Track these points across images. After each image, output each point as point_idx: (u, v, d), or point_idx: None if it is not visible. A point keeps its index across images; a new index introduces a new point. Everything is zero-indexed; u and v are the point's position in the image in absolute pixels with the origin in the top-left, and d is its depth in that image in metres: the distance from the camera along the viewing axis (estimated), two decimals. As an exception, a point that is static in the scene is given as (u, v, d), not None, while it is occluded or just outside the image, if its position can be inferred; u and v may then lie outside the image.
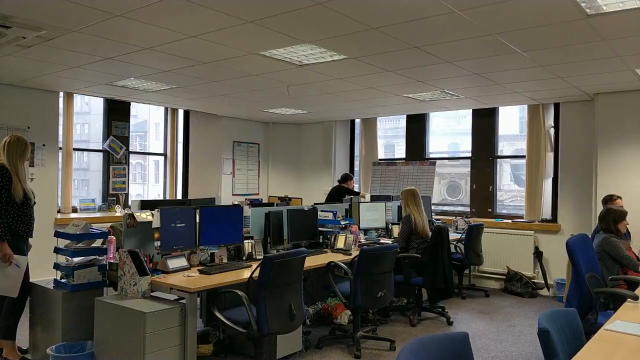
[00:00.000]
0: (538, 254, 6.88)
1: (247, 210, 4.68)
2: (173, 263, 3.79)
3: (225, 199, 8.43)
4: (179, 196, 8.51)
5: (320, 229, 5.32)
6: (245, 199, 7.74)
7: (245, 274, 3.74)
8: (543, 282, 6.80)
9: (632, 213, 4.91)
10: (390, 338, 4.59)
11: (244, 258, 4.32)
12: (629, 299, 3.12)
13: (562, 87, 5.79)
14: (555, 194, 7.00)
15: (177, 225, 3.91)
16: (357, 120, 9.15)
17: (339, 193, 7.31)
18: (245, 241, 4.38)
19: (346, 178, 7.62)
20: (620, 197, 4.88)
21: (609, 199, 4.74)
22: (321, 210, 5.49)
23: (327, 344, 4.52)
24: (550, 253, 6.80)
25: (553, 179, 7.05)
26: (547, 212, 7.09)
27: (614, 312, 2.93)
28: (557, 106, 6.96)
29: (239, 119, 8.94)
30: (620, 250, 4.05)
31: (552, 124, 7.06)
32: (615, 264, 4.06)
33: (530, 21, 3.60)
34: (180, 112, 8.54)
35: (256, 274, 3.42)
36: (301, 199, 7.79)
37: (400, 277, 5.13)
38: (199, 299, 4.12)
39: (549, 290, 6.77)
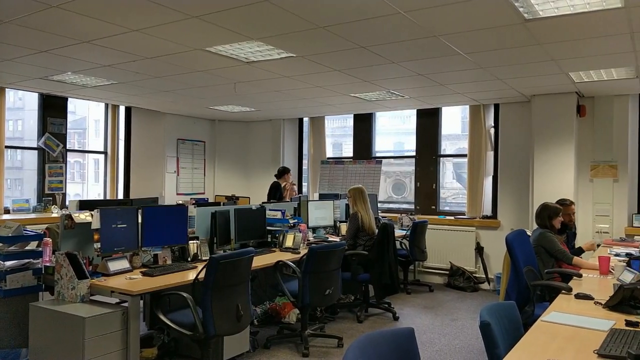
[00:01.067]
0: (479, 249, 7.13)
1: (192, 210, 4.57)
2: (114, 265, 3.65)
3: (169, 198, 8.21)
4: (120, 196, 8.25)
5: (268, 228, 5.28)
6: (191, 199, 7.58)
7: (191, 275, 3.66)
8: (484, 276, 7.06)
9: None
10: (338, 335, 4.62)
11: (189, 259, 4.22)
12: (563, 291, 3.28)
13: (502, 88, 6.03)
14: (495, 192, 7.28)
15: (118, 226, 3.77)
16: (306, 119, 9.16)
17: (271, 192, 7.29)
18: (190, 242, 4.28)
19: (283, 172, 7.52)
20: (573, 203, 5.05)
21: (562, 203, 4.90)
22: (269, 210, 5.45)
23: (275, 344, 4.50)
24: (490, 248, 7.07)
25: (493, 177, 7.33)
26: (487, 209, 7.36)
27: (550, 303, 3.07)
28: (496, 107, 7.24)
29: (183, 116, 8.73)
30: (555, 245, 4.26)
31: (492, 124, 7.34)
32: (550, 258, 4.26)
33: (472, 24, 3.72)
34: (122, 109, 8.26)
35: (202, 275, 3.35)
36: (249, 198, 7.72)
37: (348, 274, 5.18)
38: (142, 301, 3.99)
39: (489, 284, 7.03)
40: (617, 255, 4.70)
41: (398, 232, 6.59)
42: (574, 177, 6.16)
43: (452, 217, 7.46)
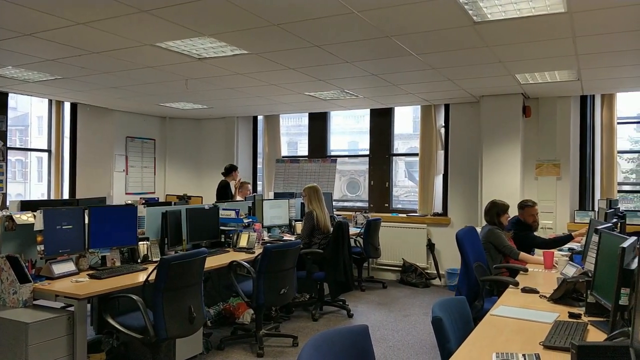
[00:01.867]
0: (430, 246, 7.30)
1: (142, 210, 4.44)
2: (59, 268, 3.50)
3: (118, 198, 7.96)
4: (66, 196, 7.94)
5: (222, 228, 5.20)
6: (140, 198, 7.36)
7: (141, 277, 3.55)
8: (435, 272, 7.23)
9: (511, 206, 5.38)
10: (293, 334, 4.61)
11: (139, 260, 4.10)
12: (510, 285, 3.40)
13: (452, 89, 6.18)
14: (445, 190, 7.46)
15: (63, 227, 3.61)
16: (260, 117, 9.09)
17: (220, 191, 7.19)
18: (140, 243, 4.16)
19: (230, 169, 7.40)
20: (536, 203, 5.10)
21: (525, 205, 5.02)
22: (223, 209, 5.37)
23: (229, 345, 4.44)
24: (441, 245, 7.25)
25: (443, 175, 7.51)
26: (438, 207, 7.54)
27: (498, 298, 3.18)
28: (447, 107, 7.42)
29: (132, 113, 8.46)
30: (503, 241, 4.40)
31: (443, 124, 7.52)
32: (498, 254, 4.41)
33: (423, 25, 3.79)
34: (67, 105, 7.94)
35: (152, 276, 3.26)
36: (201, 197, 7.58)
37: (303, 273, 5.18)
38: (89, 305, 3.86)
39: (440, 280, 7.21)
40: (560, 250, 4.91)
41: (352, 230, 6.65)
42: (520, 175, 6.40)
43: (405, 215, 7.59)
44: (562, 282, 2.95)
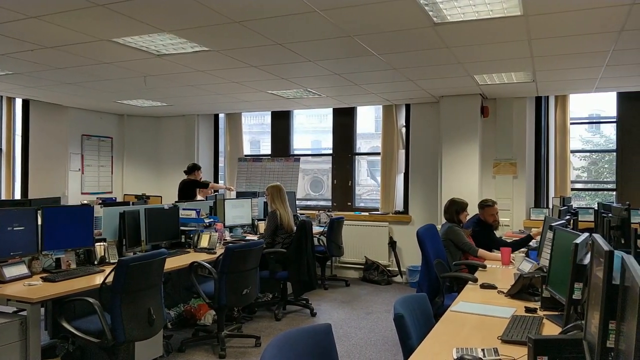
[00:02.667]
0: (392, 244, 7.39)
1: (99, 210, 4.31)
2: (10, 271, 3.35)
3: (73, 198, 7.70)
4: (17, 196, 7.62)
5: (182, 228, 5.10)
6: (97, 198, 7.15)
7: (98, 279, 3.45)
8: (397, 269, 7.32)
9: (470, 204, 5.50)
10: (255, 334, 4.57)
11: (95, 262, 3.97)
12: (470, 282, 3.47)
13: (412, 89, 6.27)
14: (406, 188, 7.57)
15: (15, 228, 3.46)
16: (222, 115, 8.97)
17: (188, 187, 7.05)
18: (96, 244, 4.03)
19: (193, 168, 7.24)
20: (495, 203, 5.17)
21: (485, 205, 5.10)
22: (183, 209, 5.27)
23: (191, 347, 4.37)
24: (402, 242, 7.35)
25: (404, 174, 7.62)
26: (399, 205, 7.64)
27: (458, 294, 3.24)
28: (408, 107, 7.52)
29: (88, 111, 8.20)
30: (462, 238, 4.50)
31: (404, 124, 7.62)
32: (458, 251, 4.50)
33: (385, 25, 3.82)
34: (18, 102, 7.62)
35: (110, 279, 3.17)
36: (161, 197, 7.42)
37: (266, 273, 5.14)
38: (43, 309, 3.71)
39: (402, 277, 7.31)
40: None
41: (316, 229, 6.66)
42: (478, 174, 6.56)
43: (367, 213, 7.66)
44: (518, 278, 3.03)
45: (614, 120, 6.75)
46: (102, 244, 4.08)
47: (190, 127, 8.75)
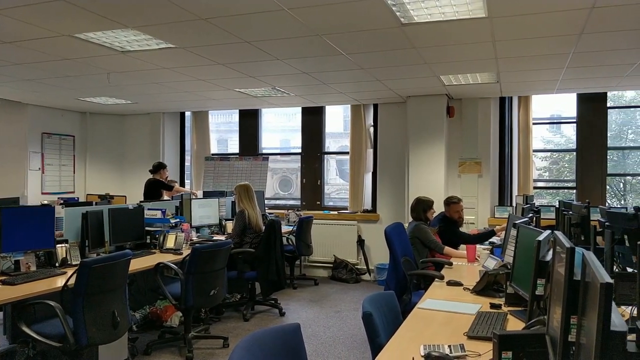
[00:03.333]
0: (361, 242, 7.44)
1: (60, 211, 4.18)
2: (-36, 275, 3.21)
3: (33, 198, 7.45)
4: (-27, 196, 7.28)
5: (147, 228, 5.00)
6: (58, 198, 6.94)
7: (59, 282, 3.35)
8: (365, 267, 7.37)
9: (435, 202, 5.58)
10: (223, 335, 4.52)
11: (57, 264, 3.85)
12: (436, 279, 3.52)
13: (380, 89, 6.32)
14: (374, 187, 7.63)
15: (-30, 230, 3.32)
16: (188, 113, 8.83)
17: (154, 187, 6.92)
18: (58, 245, 3.91)
19: (158, 167, 7.10)
20: (461, 200, 5.25)
21: (450, 201, 5.18)
22: (148, 209, 5.17)
23: (157, 349, 4.29)
24: (371, 241, 7.40)
25: (373, 173, 7.67)
26: (367, 204, 7.69)
27: (425, 291, 3.28)
28: (376, 107, 7.58)
29: (49, 108, 7.94)
30: (429, 236, 4.56)
31: (372, 123, 7.67)
32: (424, 248, 4.56)
33: (352, 25, 3.83)
34: (-26, 98, 7.30)
35: (72, 281, 3.07)
36: (125, 197, 7.26)
37: (234, 273, 5.09)
38: (1, 313, 3.58)
39: (370, 275, 7.36)
40: (482, 243, 5.16)
41: (285, 228, 6.63)
42: (444, 173, 6.66)
43: (336, 212, 7.68)
44: (483, 275, 3.09)
45: (574, 120, 6.97)
46: (63, 245, 3.96)
47: (156, 126, 8.59)
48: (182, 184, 8.72)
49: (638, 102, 8.52)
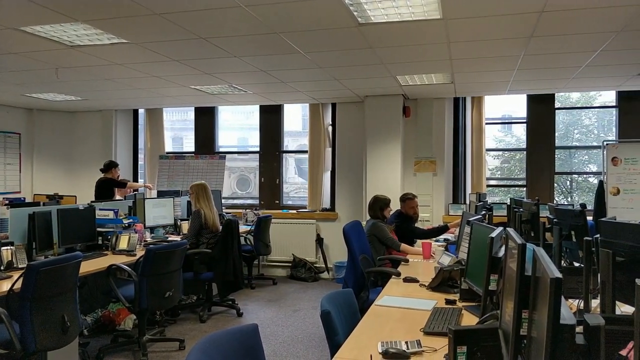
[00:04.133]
0: (319, 241, 7.45)
1: (5, 211, 3.99)
2: None
3: (-24, 199, 7.06)
4: None
5: (99, 229, 4.84)
6: (3, 198, 6.61)
7: (4, 286, 3.19)
8: (324, 266, 7.39)
9: (392, 200, 5.66)
10: (179, 338, 4.44)
11: (2, 268, 3.67)
12: (393, 276, 3.57)
13: (338, 88, 6.34)
14: (333, 186, 7.66)
15: None
16: (142, 111, 8.60)
17: (105, 186, 6.71)
18: (3, 248, 3.73)
19: (110, 166, 6.90)
20: (416, 196, 5.36)
21: (406, 198, 5.28)
22: (99, 209, 5.00)
23: (110, 353, 4.16)
24: (329, 239, 7.43)
25: (331, 172, 7.70)
26: (326, 202, 7.72)
27: (383, 288, 3.32)
28: (334, 106, 7.61)
29: (-7, 104, 7.56)
30: (386, 234, 4.62)
31: (330, 122, 7.70)
32: (382, 246, 4.62)
33: (310, 24, 3.83)
34: None
35: (18, 285, 2.93)
36: (75, 196, 7.00)
37: (190, 274, 5.00)
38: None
39: (329, 273, 7.39)
40: (437, 240, 5.27)
41: (243, 228, 6.57)
42: (400, 171, 6.76)
43: (295, 211, 7.66)
44: (439, 271, 3.15)
45: (524, 121, 7.21)
46: (9, 248, 3.78)
47: (107, 123, 8.31)
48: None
49: (583, 103, 8.92)
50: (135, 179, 8.60)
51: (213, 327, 4.99)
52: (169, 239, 5.49)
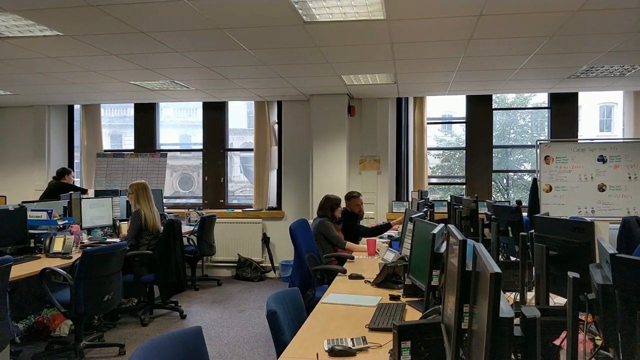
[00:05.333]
0: (266, 240, 7.40)
1: None
2: None
3: None
4: None
5: (31, 231, 4.58)
6: None
7: None
8: (270, 265, 7.35)
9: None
10: (119, 343, 4.27)
11: None
12: (339, 273, 3.60)
13: (284, 86, 6.31)
14: (279, 184, 7.63)
15: None
16: (77, 106, 8.21)
17: (58, 191, 6.39)
18: None
19: (63, 173, 6.71)
20: (360, 194, 5.45)
21: (351, 196, 5.34)
22: (31, 210, 4.74)
23: (43, 362, 3.95)
24: (276, 238, 7.40)
25: (278, 170, 7.67)
26: (273, 201, 7.67)
27: (329, 286, 3.33)
28: (280, 104, 7.58)
29: None
30: (332, 232, 4.66)
31: (276, 120, 7.66)
32: (328, 244, 4.65)
33: (255, 20, 3.78)
34: None
35: (-62, 293, 2.72)
36: (5, 197, 6.60)
37: (130, 277, 4.83)
38: None
39: (275, 272, 7.35)
40: (381, 237, 5.36)
41: (185, 228, 6.42)
42: (346, 170, 6.83)
43: (240, 210, 7.57)
44: (383, 268, 3.20)
45: (464, 120, 7.46)
46: None
47: (40, 119, 7.87)
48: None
49: (519, 105, 9.35)
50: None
51: (155, 330, 4.84)
52: (108, 240, 5.28)
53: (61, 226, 4.80)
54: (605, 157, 6.36)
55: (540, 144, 6.60)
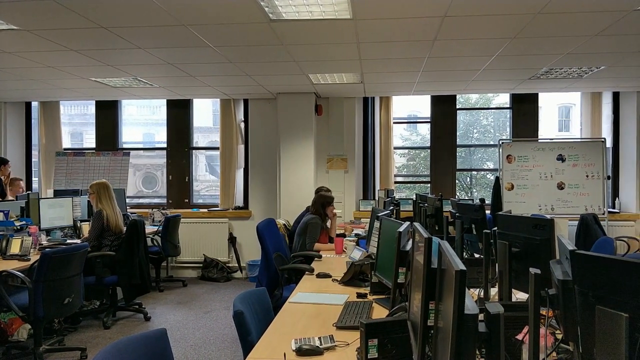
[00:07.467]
0: (232, 240, 7.32)
1: None
2: None
3: None
4: None
5: (-15, 232, 4.40)
6: None
7: None
8: (237, 265, 7.28)
9: (305, 197, 5.73)
10: (80, 347, 4.15)
11: None
12: (307, 272, 3.59)
13: (250, 84, 6.26)
14: (246, 183, 7.56)
15: None
16: (35, 103, 7.93)
17: None
18: None
19: None
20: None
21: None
22: (-13, 210, 4.54)
23: (-1, 369, 3.80)
24: (242, 238, 7.33)
25: (244, 169, 7.60)
26: (239, 200, 7.60)
27: (297, 285, 3.33)
28: (246, 102, 7.51)
29: None
30: (315, 234, 4.60)
31: (242, 119, 7.59)
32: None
33: (220, 17, 3.73)
34: None
35: None
36: (-43, 197, 6.30)
37: (92, 278, 4.71)
38: None
39: (242, 272, 7.29)
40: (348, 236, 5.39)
41: (149, 228, 6.29)
42: (314, 169, 6.83)
43: (206, 210, 7.47)
44: (350, 266, 3.22)
45: (429, 120, 7.57)
46: None
47: (-4, 117, 7.58)
48: (29, 183, 7.84)
49: (482, 105, 9.56)
50: (29, 177, 7.93)
51: (118, 333, 4.73)
52: (68, 241, 5.12)
53: (18, 227, 4.63)
54: (564, 156, 6.57)
55: (502, 143, 6.76)
